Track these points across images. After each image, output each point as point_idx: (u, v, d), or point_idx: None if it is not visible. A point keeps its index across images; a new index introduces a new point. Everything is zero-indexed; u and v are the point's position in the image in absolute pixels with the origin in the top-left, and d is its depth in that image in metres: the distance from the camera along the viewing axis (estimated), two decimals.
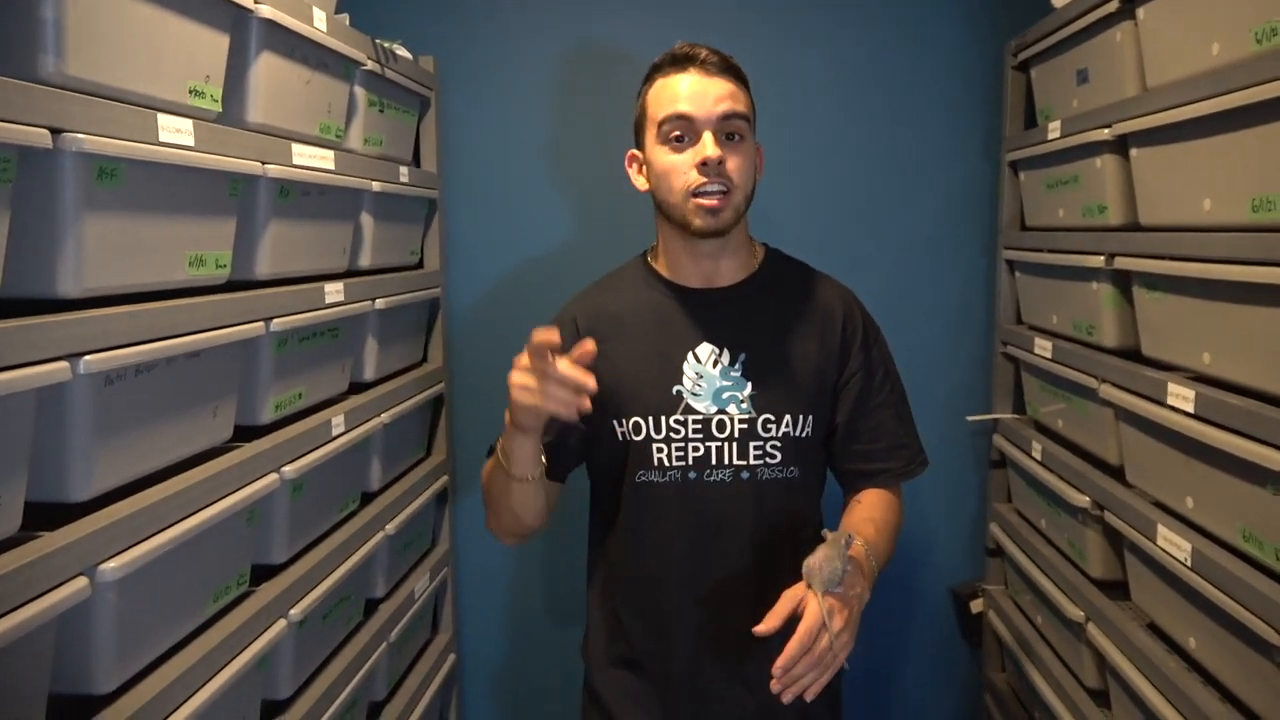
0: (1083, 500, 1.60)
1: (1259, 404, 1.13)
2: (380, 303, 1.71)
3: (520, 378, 1.14)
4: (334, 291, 1.52)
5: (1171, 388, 1.30)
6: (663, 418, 1.32)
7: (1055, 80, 1.80)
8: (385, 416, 1.72)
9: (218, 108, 1.21)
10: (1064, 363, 1.71)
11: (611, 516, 1.40)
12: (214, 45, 1.19)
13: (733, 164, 1.27)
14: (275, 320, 1.32)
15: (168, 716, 1.05)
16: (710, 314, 1.35)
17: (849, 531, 1.18)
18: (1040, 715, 1.83)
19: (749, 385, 1.32)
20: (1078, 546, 1.67)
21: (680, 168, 1.27)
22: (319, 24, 1.44)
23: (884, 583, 1.29)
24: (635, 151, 1.37)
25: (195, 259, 1.17)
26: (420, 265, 2.11)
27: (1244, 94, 1.11)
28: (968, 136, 2.11)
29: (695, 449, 1.32)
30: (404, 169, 1.88)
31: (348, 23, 1.62)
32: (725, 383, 1.33)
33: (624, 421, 1.34)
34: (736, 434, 1.31)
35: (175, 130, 1.09)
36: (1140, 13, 1.40)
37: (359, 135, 1.68)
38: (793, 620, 1.08)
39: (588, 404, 1.12)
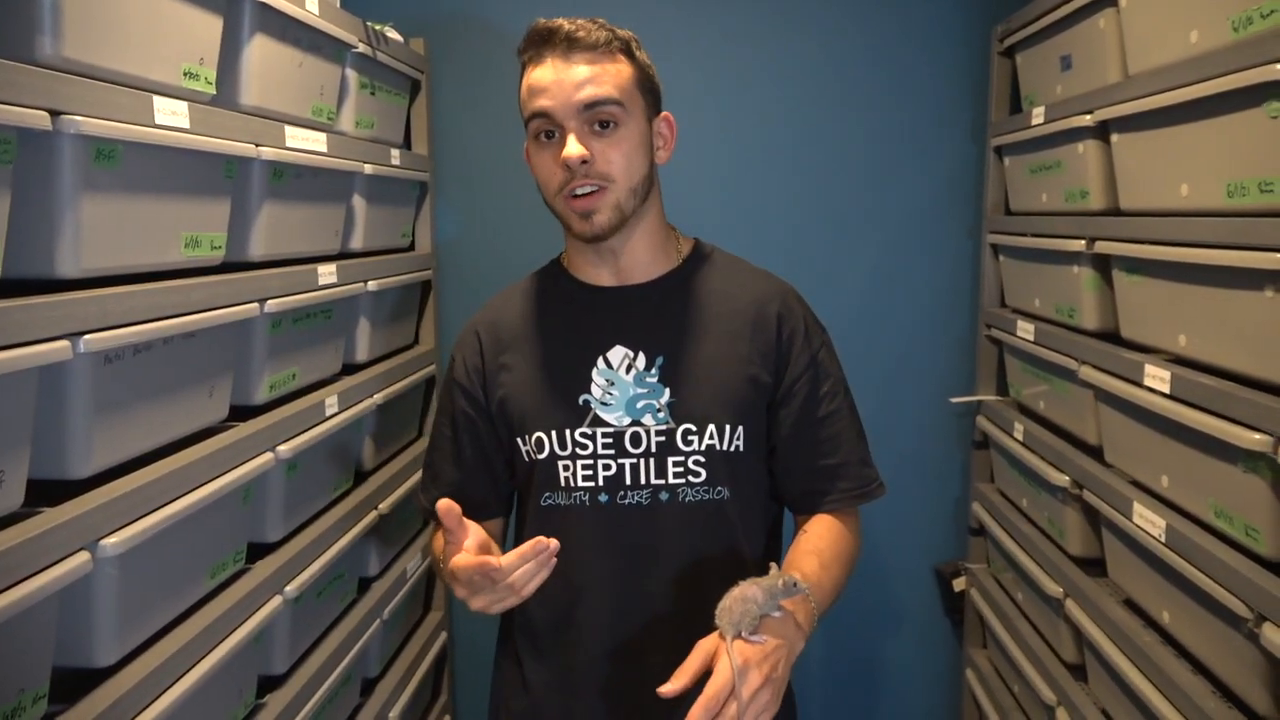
0: (1062, 479, 1.63)
1: (1231, 384, 1.17)
2: (372, 284, 1.73)
3: (464, 590, 0.99)
4: (327, 273, 1.54)
5: (1148, 369, 1.33)
6: (567, 431, 1.16)
7: (1040, 66, 1.82)
8: (378, 397, 1.74)
9: (212, 90, 1.22)
10: (1045, 345, 1.74)
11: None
12: (208, 27, 1.20)
13: (605, 157, 1.11)
14: (270, 301, 1.33)
15: (167, 689, 1.07)
16: (623, 313, 1.20)
17: (791, 574, 1.00)
18: (1020, 690, 1.88)
19: (666, 391, 1.16)
20: (1057, 525, 1.71)
21: (549, 166, 1.13)
22: (311, 6, 1.44)
23: (868, 562, 1.24)
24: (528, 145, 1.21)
25: (191, 240, 1.19)
26: (412, 248, 2.12)
27: (1220, 81, 1.14)
28: (954, 121, 2.14)
29: (606, 467, 1.16)
30: (395, 151, 1.89)
31: (339, 5, 1.62)
32: (640, 390, 1.16)
33: (527, 438, 1.18)
34: (653, 448, 1.15)
35: (171, 112, 1.10)
36: (1122, 0, 1.42)
37: (350, 118, 1.69)
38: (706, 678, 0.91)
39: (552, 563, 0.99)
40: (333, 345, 1.63)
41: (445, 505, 1.00)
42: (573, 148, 1.10)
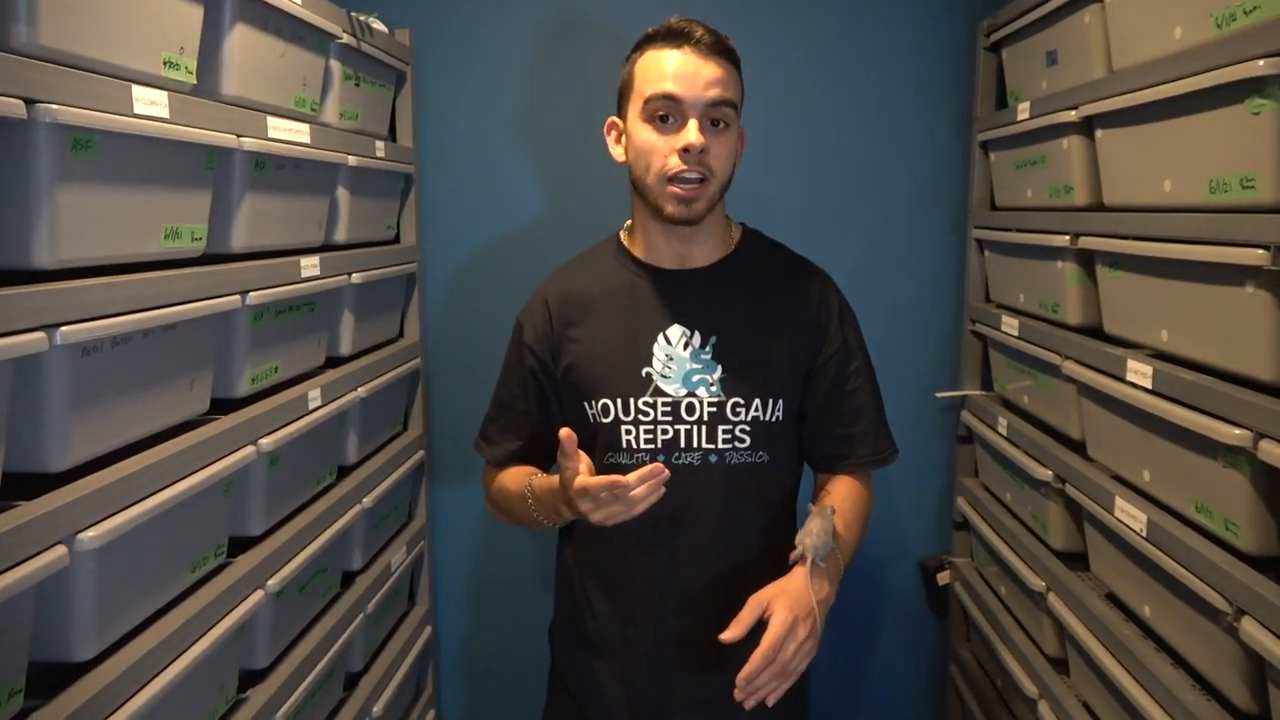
0: (1045, 474, 1.64)
1: (1212, 379, 1.17)
2: (356, 277, 1.72)
3: (589, 504, 1.14)
4: (310, 266, 1.53)
5: (1130, 364, 1.34)
6: (631, 400, 1.31)
7: (1026, 61, 1.82)
8: (362, 390, 1.73)
9: (192, 80, 1.20)
10: (1030, 340, 1.75)
11: None
12: (188, 16, 1.19)
13: (715, 152, 1.25)
14: (251, 294, 1.32)
15: (147, 684, 1.06)
16: (682, 295, 1.34)
17: (830, 505, 1.23)
18: (1003, 683, 1.89)
19: (719, 368, 1.31)
20: (1040, 519, 1.72)
21: (661, 149, 1.24)
22: None
23: (855, 556, 1.31)
24: (616, 119, 1.33)
25: (171, 231, 1.17)
26: (397, 240, 2.11)
27: (1203, 77, 1.14)
28: (940, 117, 2.14)
29: (664, 431, 1.30)
30: (380, 143, 1.87)
31: None
32: (695, 365, 1.31)
33: (593, 403, 1.33)
34: (705, 417, 1.30)
35: (150, 102, 1.09)
36: None
37: (334, 109, 1.68)
38: (758, 625, 1.10)
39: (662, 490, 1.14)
40: (316, 338, 1.62)
41: (566, 433, 1.14)
42: (698, 137, 1.22)
